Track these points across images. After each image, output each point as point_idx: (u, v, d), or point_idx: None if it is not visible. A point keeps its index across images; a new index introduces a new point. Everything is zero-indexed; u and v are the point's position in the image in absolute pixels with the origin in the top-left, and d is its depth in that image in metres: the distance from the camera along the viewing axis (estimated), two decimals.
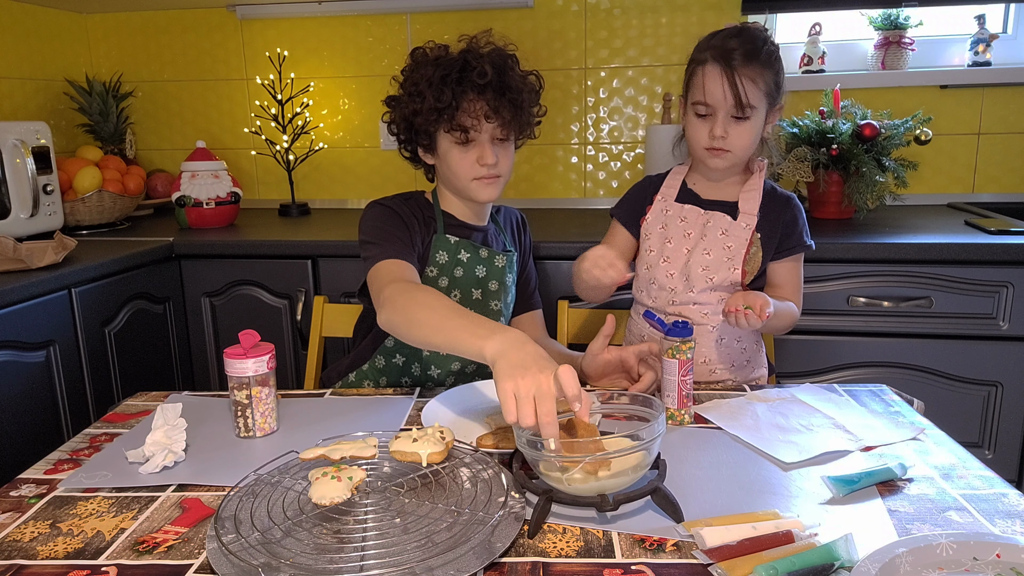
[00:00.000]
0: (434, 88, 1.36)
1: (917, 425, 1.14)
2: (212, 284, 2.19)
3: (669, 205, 1.48)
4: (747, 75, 1.32)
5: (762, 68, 1.33)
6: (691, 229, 1.45)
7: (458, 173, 1.43)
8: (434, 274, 1.46)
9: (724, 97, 1.33)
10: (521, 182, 2.71)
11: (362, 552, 0.80)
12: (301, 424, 1.20)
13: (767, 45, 1.35)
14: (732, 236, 1.41)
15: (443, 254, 1.46)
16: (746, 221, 1.41)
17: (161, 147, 2.88)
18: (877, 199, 2.10)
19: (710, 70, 1.34)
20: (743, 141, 1.36)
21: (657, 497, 0.89)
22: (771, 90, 1.36)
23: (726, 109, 1.34)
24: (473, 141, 1.40)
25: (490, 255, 1.50)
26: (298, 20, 2.70)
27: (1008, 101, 2.43)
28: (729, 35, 1.35)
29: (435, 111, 1.37)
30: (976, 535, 0.78)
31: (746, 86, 1.32)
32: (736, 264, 1.40)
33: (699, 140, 1.39)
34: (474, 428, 1.15)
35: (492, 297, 1.51)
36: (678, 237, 1.45)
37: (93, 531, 0.89)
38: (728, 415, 1.18)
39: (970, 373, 1.91)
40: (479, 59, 1.38)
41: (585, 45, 2.59)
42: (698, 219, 1.44)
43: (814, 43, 2.50)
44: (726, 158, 1.38)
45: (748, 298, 1.26)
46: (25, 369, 1.68)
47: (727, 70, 1.32)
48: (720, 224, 1.42)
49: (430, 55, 1.41)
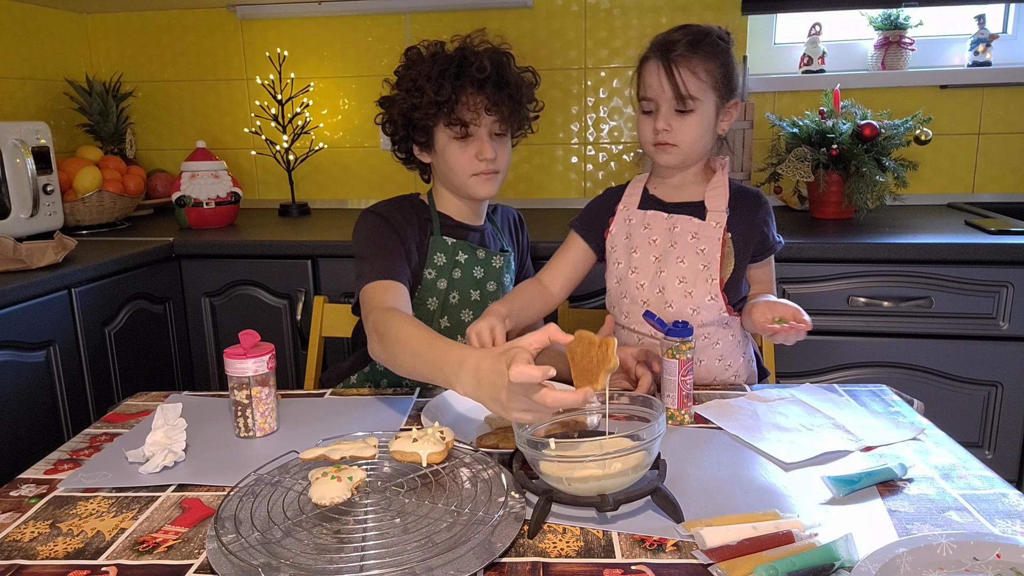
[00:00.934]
0: (433, 82, 1.36)
1: (917, 425, 1.14)
2: (212, 284, 2.19)
3: (632, 213, 1.42)
4: (687, 66, 1.28)
5: (704, 59, 1.29)
6: (656, 235, 1.38)
7: (456, 169, 1.42)
8: (432, 276, 1.46)
9: (663, 89, 1.29)
10: (521, 182, 2.71)
11: (362, 552, 0.80)
12: (301, 424, 1.19)
13: (711, 37, 1.30)
14: (703, 238, 1.34)
15: (441, 256, 1.46)
16: (716, 219, 1.35)
17: (161, 147, 2.88)
18: (877, 199, 2.10)
19: (650, 64, 1.32)
20: (688, 135, 1.31)
21: (657, 497, 0.89)
22: (718, 83, 1.30)
23: (667, 102, 1.30)
24: (472, 136, 1.40)
25: (488, 256, 1.50)
26: (298, 20, 2.70)
27: (1008, 101, 2.43)
28: (674, 30, 1.32)
29: (435, 105, 1.37)
30: (976, 535, 0.78)
31: (684, 77, 1.27)
32: (713, 273, 1.33)
33: (646, 136, 1.35)
34: (474, 428, 1.15)
35: (490, 298, 1.51)
36: (643, 245, 1.39)
37: (93, 531, 0.89)
38: (728, 415, 1.18)
39: (970, 373, 1.91)
40: (477, 55, 1.39)
41: (585, 45, 2.59)
42: (662, 224, 1.38)
43: (814, 43, 2.50)
44: (673, 153, 1.33)
45: (776, 309, 1.22)
46: (25, 369, 1.68)
47: (663, 61, 1.28)
48: (688, 228, 1.36)
49: (425, 52, 1.42)
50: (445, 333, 1.45)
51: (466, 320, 1.49)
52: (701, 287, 1.34)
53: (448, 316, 1.48)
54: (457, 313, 1.48)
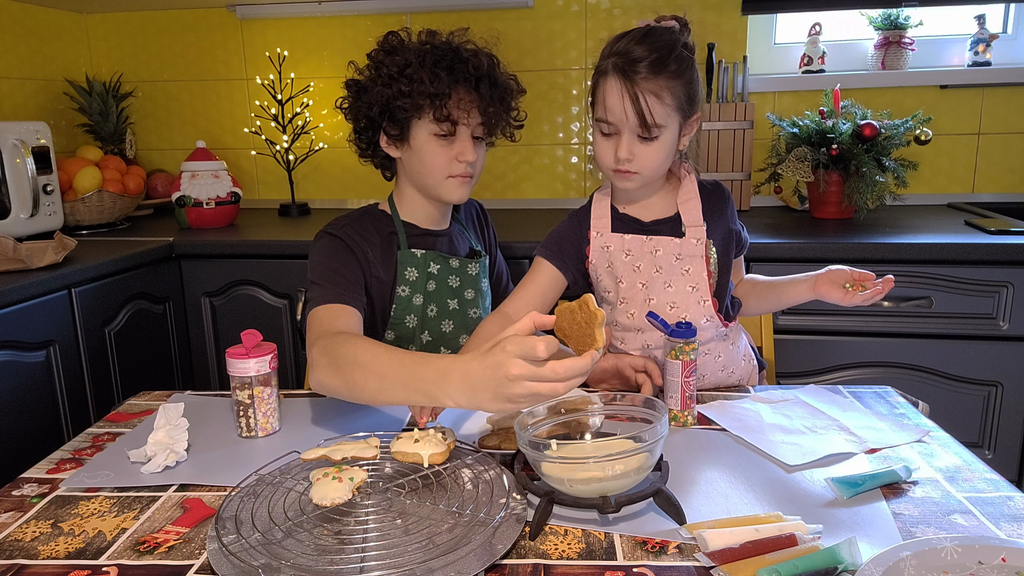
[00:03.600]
0: (428, 72, 1.28)
1: (922, 427, 1.14)
2: (212, 284, 2.19)
3: (608, 239, 1.33)
4: (651, 90, 1.17)
5: (669, 80, 1.17)
6: (639, 261, 1.31)
7: (433, 168, 1.35)
8: (406, 293, 1.39)
9: (625, 116, 1.19)
10: (522, 182, 2.71)
11: (363, 553, 0.80)
12: (303, 424, 1.19)
13: (676, 52, 1.19)
14: (687, 258, 1.29)
15: (412, 271, 1.39)
16: (695, 235, 1.29)
17: (161, 147, 2.88)
18: (877, 199, 2.09)
19: (611, 84, 1.19)
20: (651, 162, 1.23)
21: (659, 499, 0.88)
22: (682, 104, 1.21)
23: (630, 128, 1.20)
24: (456, 135, 1.34)
25: (461, 264, 1.44)
26: (298, 20, 2.69)
27: (1008, 101, 2.43)
28: (634, 40, 1.19)
29: (426, 96, 1.28)
30: (981, 539, 0.78)
31: (650, 103, 1.17)
32: (703, 294, 1.29)
33: (605, 161, 1.25)
34: (476, 429, 1.15)
35: (470, 306, 1.46)
36: (628, 273, 1.32)
37: (94, 531, 0.89)
38: (731, 417, 1.18)
39: (970, 373, 1.91)
40: (472, 53, 1.34)
41: (585, 45, 2.59)
42: (643, 247, 1.30)
43: (814, 43, 2.49)
44: (634, 179, 1.25)
45: (840, 275, 1.23)
46: (25, 369, 1.68)
47: (628, 85, 1.17)
48: (670, 249, 1.29)
49: (411, 40, 1.35)
50: (427, 348, 1.43)
51: (447, 331, 1.44)
52: (694, 309, 1.30)
53: (429, 330, 1.43)
54: (437, 325, 1.43)
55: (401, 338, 1.41)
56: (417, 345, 1.43)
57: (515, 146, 2.66)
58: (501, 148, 1.59)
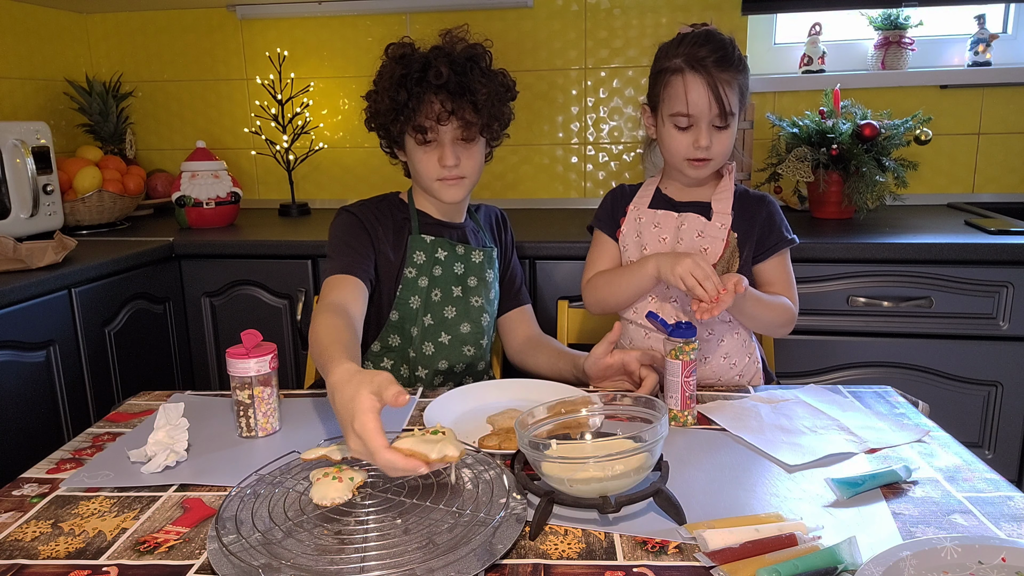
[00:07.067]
0: (392, 88, 1.38)
1: (922, 427, 1.14)
2: (212, 284, 2.19)
3: (642, 212, 1.45)
4: (726, 81, 1.30)
5: (736, 73, 1.31)
6: (666, 234, 1.42)
7: (422, 173, 1.44)
8: (413, 275, 1.46)
9: (709, 107, 1.30)
10: (521, 182, 2.71)
11: (363, 553, 0.80)
12: (303, 424, 1.19)
13: (735, 49, 1.33)
14: (708, 237, 1.39)
15: (420, 254, 1.47)
16: (721, 220, 1.39)
17: (161, 147, 2.88)
18: (877, 199, 2.09)
19: (691, 80, 1.31)
20: (723, 149, 1.35)
21: (659, 499, 0.88)
22: (743, 94, 1.35)
23: (709, 118, 1.32)
24: (433, 142, 1.41)
25: (467, 251, 1.51)
26: (298, 20, 2.69)
27: (1008, 101, 2.43)
28: (697, 42, 1.32)
29: (392, 111, 1.39)
30: (981, 538, 0.78)
31: (728, 93, 1.30)
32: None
33: (680, 152, 1.36)
34: (476, 429, 1.15)
35: (472, 293, 1.51)
36: (653, 243, 1.42)
37: (95, 531, 0.89)
38: (732, 416, 1.18)
39: (970, 373, 1.91)
40: (440, 59, 1.36)
41: (585, 45, 2.59)
42: (672, 223, 1.42)
43: (814, 43, 2.50)
44: (708, 166, 1.37)
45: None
46: (25, 369, 1.68)
47: (709, 79, 1.29)
48: (695, 225, 1.40)
49: (395, 53, 1.41)
50: (429, 330, 1.48)
51: (449, 317, 1.49)
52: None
53: (431, 314, 1.48)
54: (440, 310, 1.49)
55: (404, 318, 1.48)
56: (419, 327, 1.48)
57: (515, 146, 2.66)
58: (501, 148, 1.60)
